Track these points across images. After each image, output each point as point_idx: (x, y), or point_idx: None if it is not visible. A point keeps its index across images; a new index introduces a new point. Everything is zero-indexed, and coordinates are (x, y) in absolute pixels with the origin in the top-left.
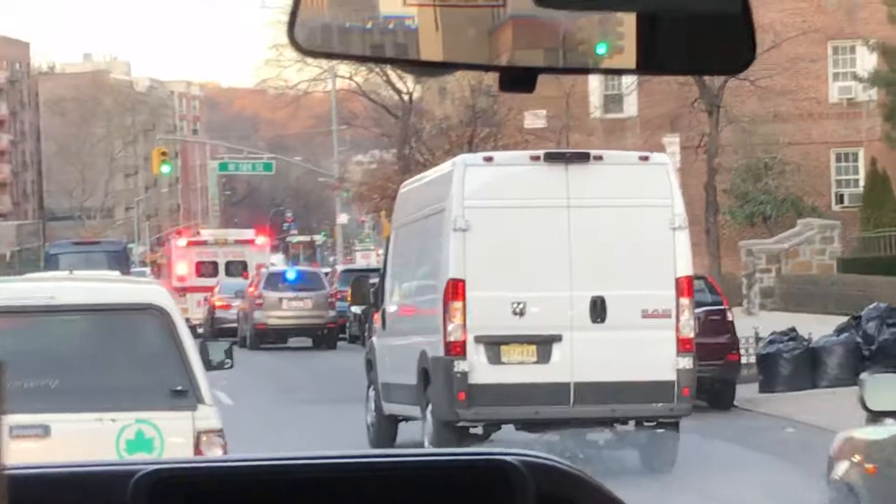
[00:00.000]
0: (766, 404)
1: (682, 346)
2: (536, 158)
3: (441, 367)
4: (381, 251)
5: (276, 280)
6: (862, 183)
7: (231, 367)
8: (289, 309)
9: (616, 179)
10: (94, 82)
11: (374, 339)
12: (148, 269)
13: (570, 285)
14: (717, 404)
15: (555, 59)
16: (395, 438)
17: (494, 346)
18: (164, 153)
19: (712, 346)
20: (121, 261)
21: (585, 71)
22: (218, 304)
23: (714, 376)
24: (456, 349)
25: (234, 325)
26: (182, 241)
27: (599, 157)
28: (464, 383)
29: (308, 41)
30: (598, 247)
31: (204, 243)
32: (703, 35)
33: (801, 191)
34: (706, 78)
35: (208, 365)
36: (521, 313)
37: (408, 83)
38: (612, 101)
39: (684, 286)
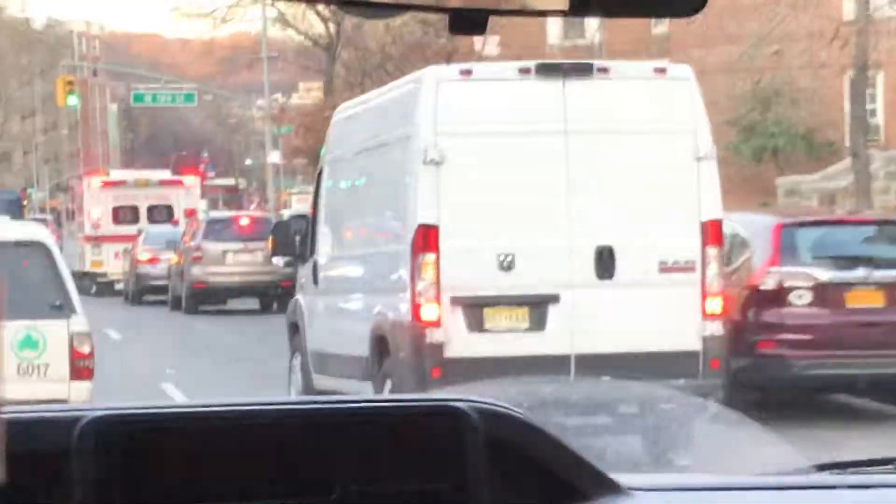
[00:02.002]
0: None
1: (710, 306)
2: (526, 71)
3: (407, 335)
4: None
5: (218, 228)
6: (881, 112)
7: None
8: (234, 264)
9: (626, 98)
10: None
11: (300, 297)
12: (49, 217)
13: (570, 232)
14: None
15: (504, 0)
16: None
17: (476, 309)
18: (70, 83)
19: None
20: (13, 209)
21: (534, 13)
22: (142, 257)
23: None
24: (428, 313)
25: (164, 282)
26: (96, 183)
27: (605, 70)
28: (438, 356)
29: None
30: (605, 183)
31: (122, 184)
32: None
33: (815, 122)
34: None
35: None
36: (510, 267)
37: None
38: (573, 25)
39: (712, 231)
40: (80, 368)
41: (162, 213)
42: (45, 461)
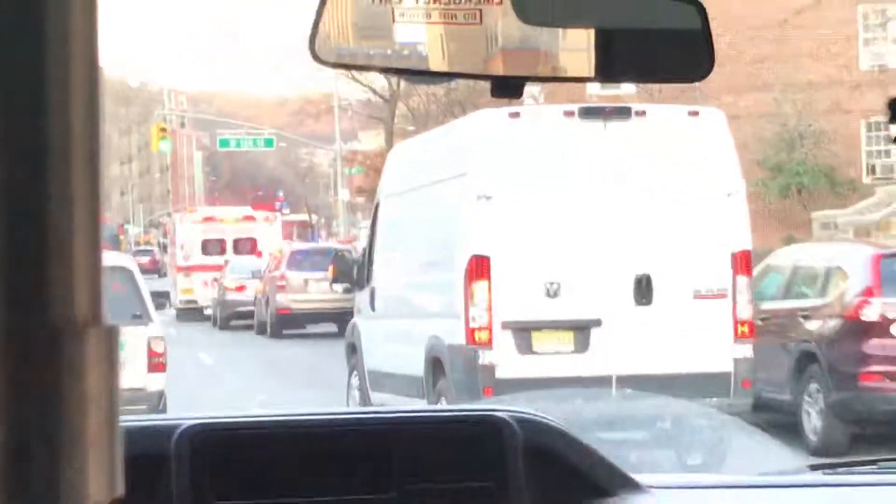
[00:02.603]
0: None
1: (741, 330)
2: (570, 114)
3: (461, 357)
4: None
5: (300, 259)
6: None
7: (167, 307)
8: (316, 291)
9: (662, 138)
10: None
11: (357, 320)
12: (155, 249)
13: (611, 261)
14: None
15: (539, 68)
16: None
17: (525, 333)
18: (163, 129)
19: None
20: (111, 243)
21: (565, 79)
22: (230, 285)
23: None
24: (481, 337)
25: (249, 308)
26: (186, 218)
27: (642, 113)
28: (490, 377)
29: (328, 55)
30: (643, 216)
31: (210, 219)
32: (665, 48)
33: (835, 161)
34: None
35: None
36: (556, 294)
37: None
38: None
39: (742, 262)
40: (156, 364)
41: (246, 246)
42: (145, 467)
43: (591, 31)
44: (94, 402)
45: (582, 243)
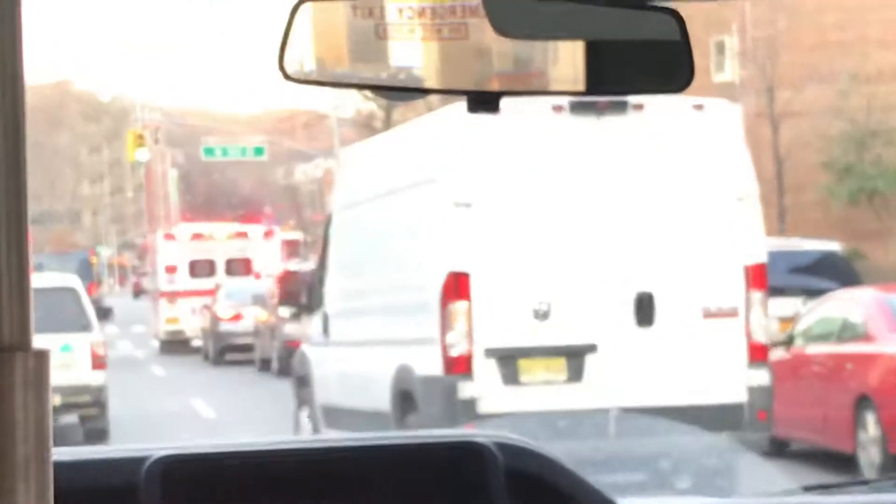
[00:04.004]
0: None
1: (755, 354)
2: (559, 109)
3: (438, 390)
4: None
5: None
6: None
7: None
8: None
9: (664, 135)
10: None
11: (305, 348)
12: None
13: (608, 277)
14: None
15: (516, 83)
16: None
17: (510, 360)
18: (140, 136)
19: None
20: (85, 268)
21: (542, 93)
22: (224, 314)
23: None
24: (460, 366)
25: (248, 340)
26: (170, 236)
27: (640, 107)
28: (471, 412)
29: (297, 70)
30: (643, 226)
31: (198, 237)
32: (645, 59)
33: None
34: None
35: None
36: (545, 316)
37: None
38: None
39: (756, 276)
40: (98, 364)
41: (240, 267)
42: (115, 498)
43: (574, 44)
44: (21, 429)
45: (574, 257)
